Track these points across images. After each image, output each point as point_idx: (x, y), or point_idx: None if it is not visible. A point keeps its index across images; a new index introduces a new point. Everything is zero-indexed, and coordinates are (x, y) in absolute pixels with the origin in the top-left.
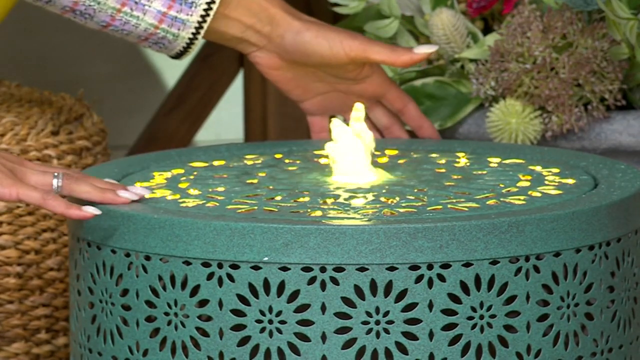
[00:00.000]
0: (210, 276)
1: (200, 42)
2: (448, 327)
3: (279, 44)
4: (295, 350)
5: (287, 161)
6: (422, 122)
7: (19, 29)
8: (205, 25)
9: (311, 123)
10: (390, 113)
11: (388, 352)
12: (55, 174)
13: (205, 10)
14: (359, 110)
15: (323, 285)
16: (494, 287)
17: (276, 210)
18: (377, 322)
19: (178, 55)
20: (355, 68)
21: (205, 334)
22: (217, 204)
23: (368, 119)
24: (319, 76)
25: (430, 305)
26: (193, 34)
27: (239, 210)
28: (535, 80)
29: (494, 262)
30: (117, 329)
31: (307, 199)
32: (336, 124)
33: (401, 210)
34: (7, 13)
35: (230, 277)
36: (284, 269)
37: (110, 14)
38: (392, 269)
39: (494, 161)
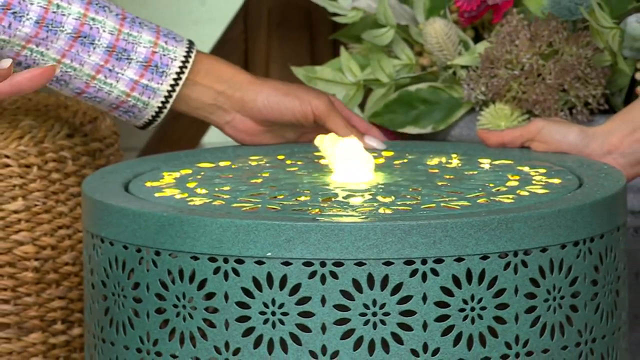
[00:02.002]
0: (216, 270)
1: (166, 113)
2: (441, 319)
3: (252, 108)
4: (296, 340)
5: (288, 162)
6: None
7: None
8: (174, 95)
9: None
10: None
11: (384, 342)
12: None
13: (174, 79)
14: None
15: (323, 279)
16: (484, 281)
17: (279, 208)
18: (374, 314)
19: (145, 125)
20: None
21: (211, 325)
22: (223, 203)
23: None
24: (288, 134)
25: (424, 298)
26: (162, 102)
27: (244, 208)
28: (523, 85)
29: (484, 257)
30: (128, 320)
31: (307, 197)
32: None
33: (397, 208)
34: None
35: (236, 272)
36: (286, 263)
37: (85, 80)
38: (388, 263)
39: (485, 162)
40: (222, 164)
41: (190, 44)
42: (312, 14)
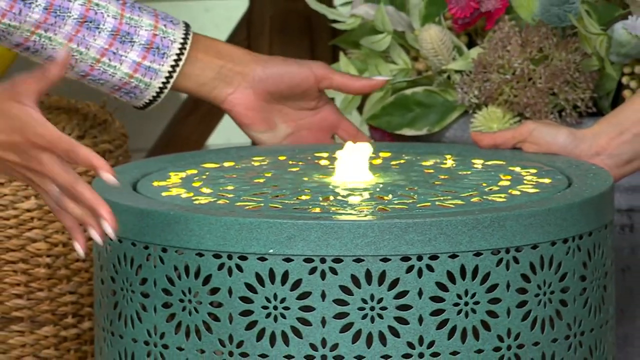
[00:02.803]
0: (221, 266)
1: (165, 93)
2: (436, 313)
3: (252, 78)
4: (297, 333)
5: (290, 163)
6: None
7: None
8: (174, 75)
9: None
10: None
11: (382, 335)
12: (55, 188)
13: (175, 60)
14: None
15: (323, 275)
16: (478, 277)
17: (280, 207)
18: (372, 308)
19: (145, 106)
20: (315, 97)
21: (216, 318)
22: (227, 201)
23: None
24: (285, 114)
25: (420, 293)
26: (163, 82)
27: (247, 207)
28: (514, 89)
29: (478, 254)
30: (136, 314)
31: (308, 196)
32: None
33: (394, 207)
34: (7, 68)
35: (239, 268)
36: (288, 260)
37: (90, 63)
38: (385, 260)
39: (478, 163)
40: (226, 164)
41: (187, 26)
42: (312, 20)
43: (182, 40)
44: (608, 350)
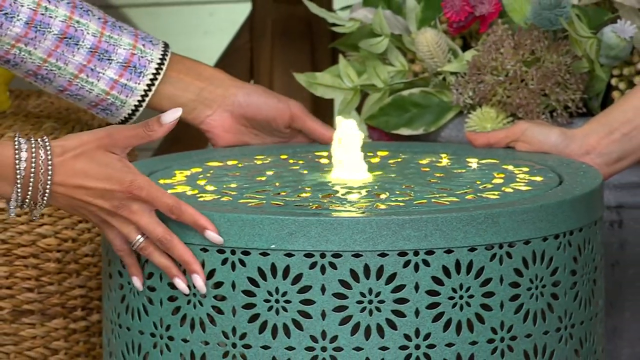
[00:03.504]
0: (224, 261)
1: (140, 112)
2: (432, 306)
3: (233, 102)
4: (298, 326)
5: (291, 161)
6: None
7: None
8: (150, 94)
9: None
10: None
11: (379, 328)
12: (139, 236)
13: (151, 79)
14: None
15: (323, 270)
16: (472, 271)
17: (282, 204)
18: (370, 302)
19: (121, 122)
20: (289, 128)
21: (220, 311)
22: (231, 199)
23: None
24: (259, 138)
25: (417, 287)
26: (139, 101)
27: (250, 204)
28: (507, 90)
29: (472, 249)
30: (143, 307)
31: (309, 194)
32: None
33: (391, 204)
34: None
35: (242, 262)
36: (289, 255)
37: (68, 79)
38: (383, 255)
39: (472, 161)
40: (229, 163)
41: (166, 46)
42: (312, 24)
43: (159, 61)
44: (597, 342)
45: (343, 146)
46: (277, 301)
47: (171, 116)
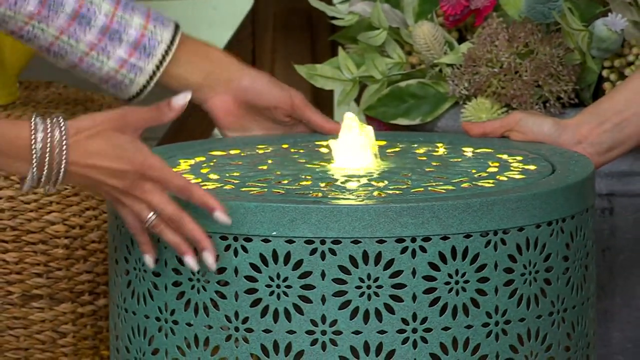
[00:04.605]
0: (227, 248)
1: (149, 89)
2: (428, 291)
3: (237, 87)
4: (299, 310)
5: (292, 150)
6: None
7: None
8: (158, 74)
9: None
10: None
11: (378, 312)
12: (151, 214)
13: (160, 60)
14: (350, 118)
15: (323, 256)
16: (468, 257)
17: (283, 192)
18: (369, 287)
19: (130, 99)
20: (290, 117)
21: (223, 296)
22: (233, 187)
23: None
24: (260, 123)
25: (414, 273)
26: (147, 80)
27: (252, 192)
28: (502, 82)
29: (468, 236)
30: (148, 292)
31: (309, 182)
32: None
33: (389, 192)
34: (28, 62)
35: (244, 249)
36: (290, 241)
37: (79, 56)
38: (381, 241)
39: (468, 151)
40: (232, 152)
41: (176, 27)
42: (313, 18)
43: (168, 42)
44: (589, 326)
45: (344, 136)
46: (278, 286)
47: (182, 99)
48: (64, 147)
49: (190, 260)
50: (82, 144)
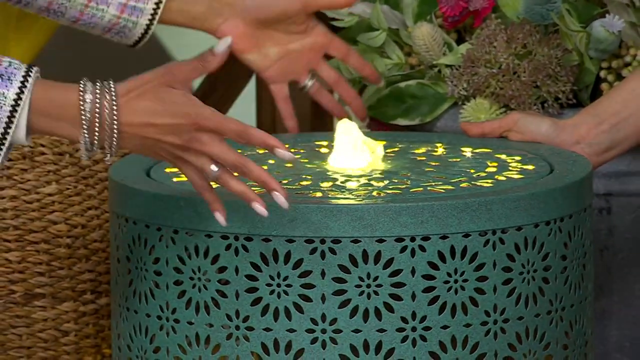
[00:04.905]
0: (228, 247)
1: (153, 29)
2: (428, 290)
3: (241, 8)
4: (299, 309)
5: (293, 150)
6: (363, 64)
7: (75, 46)
8: (159, 12)
9: (274, 91)
10: (334, 71)
11: (377, 311)
12: (214, 166)
13: None
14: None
15: (323, 255)
16: (466, 256)
17: None
18: (368, 286)
19: (135, 43)
20: (304, 20)
21: (224, 295)
22: None
23: (317, 79)
24: (275, 39)
25: (413, 272)
26: (150, 19)
27: (253, 187)
28: (500, 82)
29: (466, 235)
30: (150, 291)
31: (309, 182)
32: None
33: (388, 191)
34: (54, 32)
35: (245, 248)
36: (290, 241)
37: (79, 9)
38: (380, 241)
39: (467, 150)
40: None
41: None
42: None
43: None
44: (587, 324)
45: (343, 136)
46: (278, 285)
47: (223, 45)
48: (114, 107)
49: (259, 207)
50: (133, 104)
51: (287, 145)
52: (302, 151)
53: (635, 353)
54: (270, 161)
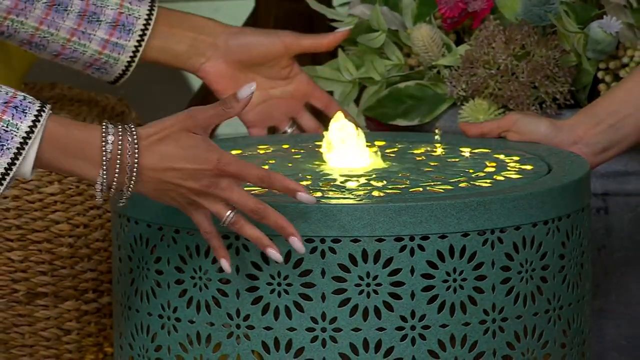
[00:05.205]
0: (229, 246)
1: (133, 67)
2: (427, 289)
3: (224, 49)
4: (299, 307)
5: (292, 151)
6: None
7: None
8: (140, 49)
9: (252, 135)
10: (315, 121)
11: (377, 310)
12: (229, 212)
13: (140, 35)
14: (339, 117)
15: (323, 254)
16: (465, 256)
17: None
18: (368, 285)
19: (115, 80)
20: (287, 65)
21: (224, 294)
22: None
23: (298, 127)
24: (256, 83)
25: (412, 271)
26: (131, 57)
27: (253, 192)
28: (499, 83)
29: (465, 235)
30: (151, 290)
31: (309, 182)
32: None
33: (388, 191)
34: (30, 67)
35: (246, 247)
36: None
37: (61, 43)
38: (380, 240)
39: (465, 151)
40: (233, 152)
41: (152, 1)
42: (313, 20)
43: (146, 17)
44: (584, 323)
45: (341, 137)
46: (279, 284)
47: (247, 91)
48: (136, 150)
49: (274, 254)
50: (154, 147)
51: (287, 146)
52: (302, 151)
53: (632, 351)
54: (271, 161)
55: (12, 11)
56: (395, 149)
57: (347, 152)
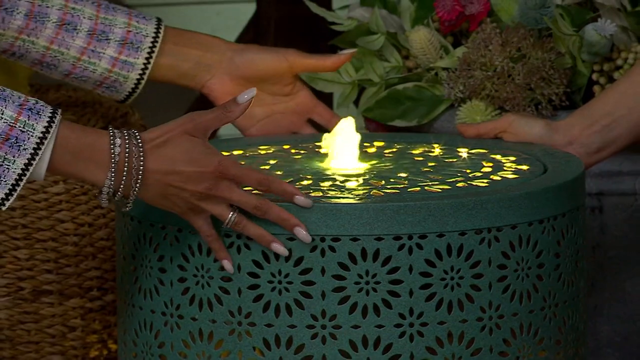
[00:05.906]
0: (230, 245)
1: (143, 85)
2: (425, 287)
3: (229, 65)
4: (300, 305)
5: (293, 151)
6: None
7: None
8: (149, 66)
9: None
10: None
11: (376, 307)
12: (231, 213)
13: (148, 53)
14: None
15: (323, 253)
16: (462, 254)
17: None
18: (367, 283)
19: (125, 98)
20: (290, 82)
21: (226, 292)
22: None
23: None
24: (260, 99)
25: (410, 269)
26: (140, 74)
27: (254, 191)
28: (495, 85)
29: (462, 234)
30: (154, 287)
31: (309, 181)
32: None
33: (387, 191)
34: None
35: (247, 246)
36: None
37: (72, 62)
38: (379, 239)
39: (463, 151)
40: (235, 152)
41: (159, 21)
42: (313, 23)
43: (154, 35)
44: (580, 320)
45: (341, 138)
46: (279, 282)
47: (246, 96)
48: (141, 154)
49: (280, 248)
50: (157, 151)
51: (287, 147)
52: (302, 152)
53: (626, 348)
54: (272, 161)
55: (24, 31)
56: (394, 150)
57: (347, 152)
